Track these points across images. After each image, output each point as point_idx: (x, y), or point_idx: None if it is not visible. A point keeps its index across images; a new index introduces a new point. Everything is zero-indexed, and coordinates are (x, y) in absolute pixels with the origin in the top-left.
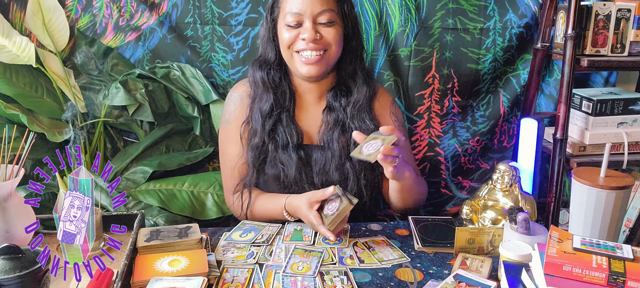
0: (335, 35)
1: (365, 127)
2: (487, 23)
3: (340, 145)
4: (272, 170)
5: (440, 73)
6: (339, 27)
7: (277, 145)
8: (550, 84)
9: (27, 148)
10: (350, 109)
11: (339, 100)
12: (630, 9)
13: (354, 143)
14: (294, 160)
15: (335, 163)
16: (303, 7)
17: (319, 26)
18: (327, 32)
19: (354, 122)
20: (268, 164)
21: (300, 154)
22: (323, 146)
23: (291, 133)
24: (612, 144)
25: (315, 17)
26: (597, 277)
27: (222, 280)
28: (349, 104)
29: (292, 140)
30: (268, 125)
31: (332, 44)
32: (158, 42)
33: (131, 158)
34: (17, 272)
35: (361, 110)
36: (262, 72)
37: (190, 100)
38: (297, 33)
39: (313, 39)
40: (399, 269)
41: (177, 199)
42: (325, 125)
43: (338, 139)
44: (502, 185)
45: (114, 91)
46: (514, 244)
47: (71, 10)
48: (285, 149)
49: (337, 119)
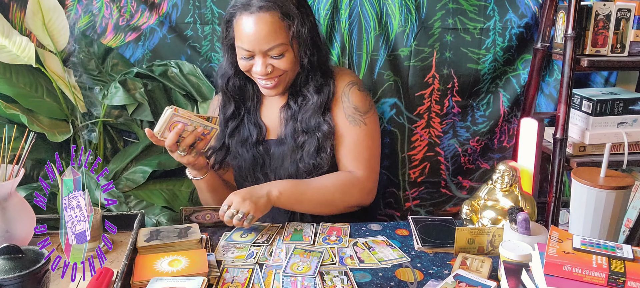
0: (288, 62)
1: (312, 130)
2: (487, 23)
3: (294, 139)
4: (235, 161)
5: (440, 73)
6: (290, 54)
7: (238, 140)
8: (550, 84)
9: (27, 149)
10: (302, 113)
11: (295, 99)
12: (630, 9)
13: (307, 138)
14: (248, 155)
15: (290, 157)
16: (252, 44)
17: (270, 59)
18: (278, 63)
19: (303, 123)
20: (231, 156)
21: (258, 149)
22: (282, 139)
23: (252, 130)
24: (612, 144)
25: (265, 53)
26: (597, 277)
27: (222, 280)
28: (301, 107)
29: (251, 136)
30: (230, 127)
31: (286, 70)
32: (158, 42)
33: (131, 158)
34: (17, 272)
35: (311, 115)
36: (222, 81)
37: (189, 99)
38: (251, 63)
39: (265, 74)
40: (399, 269)
41: (179, 199)
42: (283, 120)
43: (292, 134)
44: (502, 185)
45: (113, 91)
46: (514, 244)
47: (71, 10)
48: (243, 144)
49: (292, 115)
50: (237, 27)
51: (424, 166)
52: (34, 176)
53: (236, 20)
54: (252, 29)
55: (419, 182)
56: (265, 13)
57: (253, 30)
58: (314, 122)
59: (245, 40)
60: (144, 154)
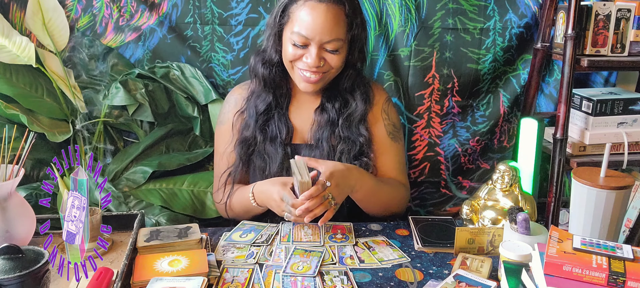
0: (339, 60)
1: (354, 137)
2: (487, 23)
3: (329, 145)
4: (259, 160)
5: (440, 73)
6: (343, 52)
7: (266, 137)
8: (550, 84)
9: (27, 149)
10: (343, 119)
11: (332, 103)
12: (630, 9)
13: (346, 145)
14: (279, 155)
15: None
16: (312, 33)
17: (324, 52)
18: (331, 58)
19: (343, 130)
20: (255, 154)
21: (286, 150)
22: (312, 145)
23: (281, 129)
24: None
25: (322, 44)
26: (597, 277)
27: (222, 280)
28: (343, 113)
29: (281, 135)
30: (261, 121)
31: (333, 67)
32: (158, 42)
33: (131, 158)
34: (17, 272)
35: (353, 123)
36: (264, 69)
37: (190, 100)
38: (302, 53)
39: (316, 65)
40: (399, 269)
41: (178, 198)
42: (317, 124)
43: (328, 138)
44: (502, 185)
45: (114, 91)
46: (514, 244)
47: (71, 10)
48: (272, 142)
49: (328, 119)
50: (300, 13)
51: (424, 166)
52: (34, 176)
53: (298, 5)
54: (320, 17)
55: (419, 182)
56: (335, 5)
57: (320, 19)
58: (354, 130)
59: (307, 27)
60: (144, 154)
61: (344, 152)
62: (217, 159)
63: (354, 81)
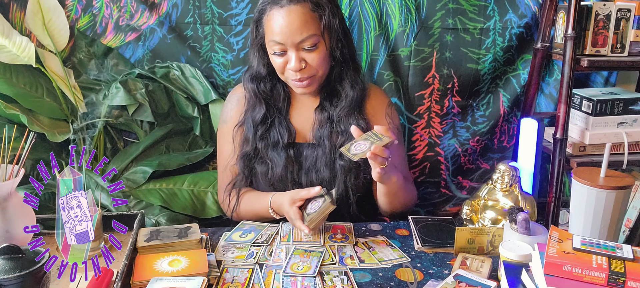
0: (320, 57)
1: (351, 125)
2: (487, 23)
3: (330, 142)
4: (261, 166)
5: (440, 73)
6: (323, 46)
7: (268, 144)
8: (550, 84)
9: (27, 149)
10: (338, 111)
11: (330, 99)
12: (630, 9)
13: (346, 139)
14: (282, 159)
15: (325, 160)
16: (284, 37)
17: (303, 52)
18: (312, 57)
19: (341, 124)
20: (257, 161)
21: (289, 153)
22: (314, 143)
23: (282, 133)
24: (612, 144)
25: (298, 45)
26: (597, 277)
27: (222, 280)
28: (337, 105)
29: (282, 139)
30: (260, 131)
31: (318, 67)
32: (158, 42)
33: (131, 158)
34: (17, 272)
35: (349, 113)
36: (252, 84)
37: (190, 100)
38: (285, 61)
39: (299, 68)
40: (399, 269)
41: (178, 198)
42: (318, 122)
43: (329, 136)
44: (502, 185)
45: (114, 91)
46: (514, 244)
47: (71, 10)
48: (275, 148)
49: (328, 116)
50: (268, 22)
51: (424, 166)
52: (34, 176)
53: (266, 16)
54: (284, 21)
55: (419, 182)
56: (295, 5)
57: (285, 23)
58: (353, 121)
59: (277, 33)
60: (144, 154)
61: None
62: (220, 158)
63: (343, 70)
